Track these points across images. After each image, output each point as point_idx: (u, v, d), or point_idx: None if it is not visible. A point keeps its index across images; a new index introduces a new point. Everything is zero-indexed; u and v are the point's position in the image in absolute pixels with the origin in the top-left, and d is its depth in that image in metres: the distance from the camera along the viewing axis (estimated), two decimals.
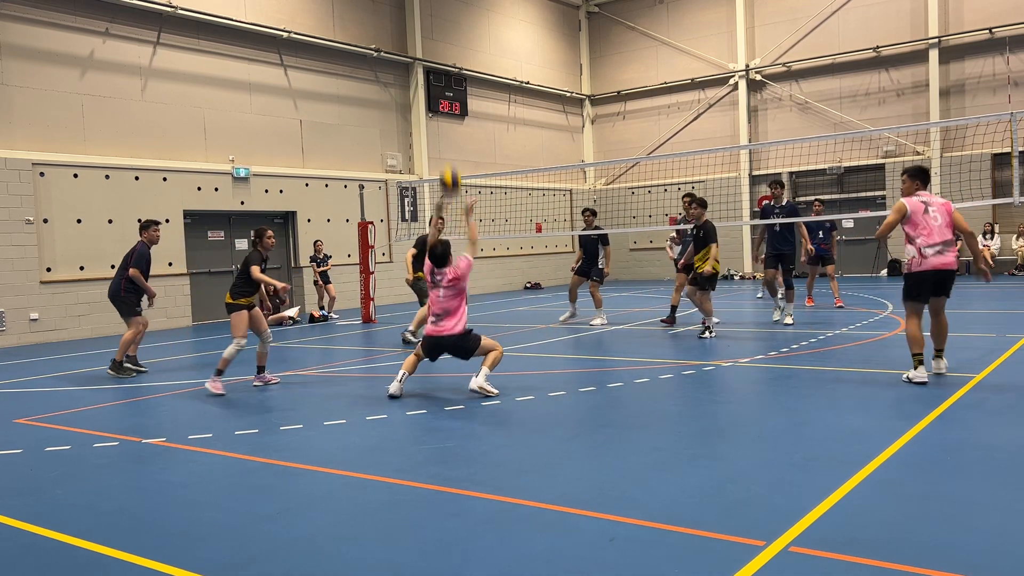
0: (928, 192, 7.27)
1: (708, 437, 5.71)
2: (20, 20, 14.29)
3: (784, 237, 12.00)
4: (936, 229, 6.99)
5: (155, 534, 4.17)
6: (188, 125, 16.64)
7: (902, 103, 22.30)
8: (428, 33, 21.70)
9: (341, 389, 8.33)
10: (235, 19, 17.23)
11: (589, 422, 6.39)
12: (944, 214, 7.06)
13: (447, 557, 3.68)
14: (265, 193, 17.88)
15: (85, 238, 14.89)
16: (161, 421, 7.05)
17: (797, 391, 7.29)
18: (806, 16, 23.28)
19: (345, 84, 19.80)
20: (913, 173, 7.31)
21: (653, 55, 26.14)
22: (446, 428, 6.30)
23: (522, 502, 4.39)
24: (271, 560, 3.76)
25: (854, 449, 5.11)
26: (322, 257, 16.99)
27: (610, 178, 27.40)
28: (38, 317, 14.19)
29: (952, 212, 7.14)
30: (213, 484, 5.06)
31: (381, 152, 20.76)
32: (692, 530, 3.87)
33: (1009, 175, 13.46)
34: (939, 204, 7.12)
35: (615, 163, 26.10)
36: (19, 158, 14.06)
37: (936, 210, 7.05)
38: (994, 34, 20.76)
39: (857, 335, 10.52)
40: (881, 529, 3.77)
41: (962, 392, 6.67)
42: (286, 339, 13.35)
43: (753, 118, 24.58)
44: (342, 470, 5.20)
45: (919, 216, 7.03)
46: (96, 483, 5.19)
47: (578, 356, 10.08)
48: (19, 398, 8.61)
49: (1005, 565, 3.36)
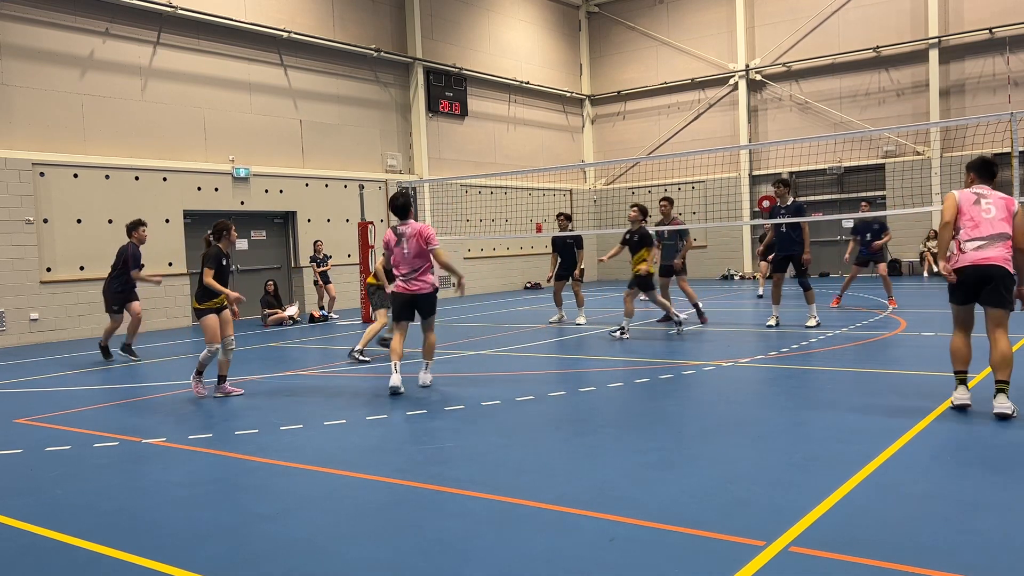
0: (989, 187, 6.17)
1: (708, 437, 5.71)
2: (20, 20, 14.30)
3: (791, 238, 11.47)
4: (985, 221, 5.89)
5: (155, 534, 4.17)
6: (188, 125, 16.64)
7: (902, 103, 22.30)
8: (428, 33, 21.70)
9: (341, 389, 8.33)
10: (235, 19, 17.23)
11: (589, 422, 6.38)
12: (1001, 207, 5.95)
13: (447, 557, 3.68)
14: (265, 193, 17.88)
15: (85, 238, 14.89)
16: (161, 421, 7.05)
17: (797, 391, 7.29)
18: (806, 16, 23.29)
19: (345, 84, 19.80)
20: (971, 165, 6.31)
21: (653, 55, 26.14)
22: (446, 428, 6.30)
23: (522, 502, 4.39)
24: (271, 560, 3.76)
25: (854, 449, 5.11)
26: (322, 257, 16.99)
27: (610, 178, 27.40)
28: (38, 317, 14.19)
29: (1015, 211, 5.96)
30: (213, 484, 5.06)
31: (381, 152, 20.77)
32: (692, 530, 3.87)
33: (1009, 175, 13.44)
34: (996, 196, 6.03)
35: (615, 163, 26.10)
36: (19, 158, 14.06)
37: (991, 202, 5.98)
38: (994, 34, 20.76)
39: (857, 335, 10.51)
40: (881, 529, 3.77)
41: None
42: (286, 339, 13.35)
43: (753, 118, 24.58)
44: (342, 470, 5.20)
45: (967, 206, 5.99)
46: (96, 483, 5.18)
47: (578, 356, 10.08)
48: (19, 398, 8.61)
49: (1005, 565, 3.35)
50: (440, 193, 21.38)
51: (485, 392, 7.68)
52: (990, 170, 6.21)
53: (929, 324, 11.21)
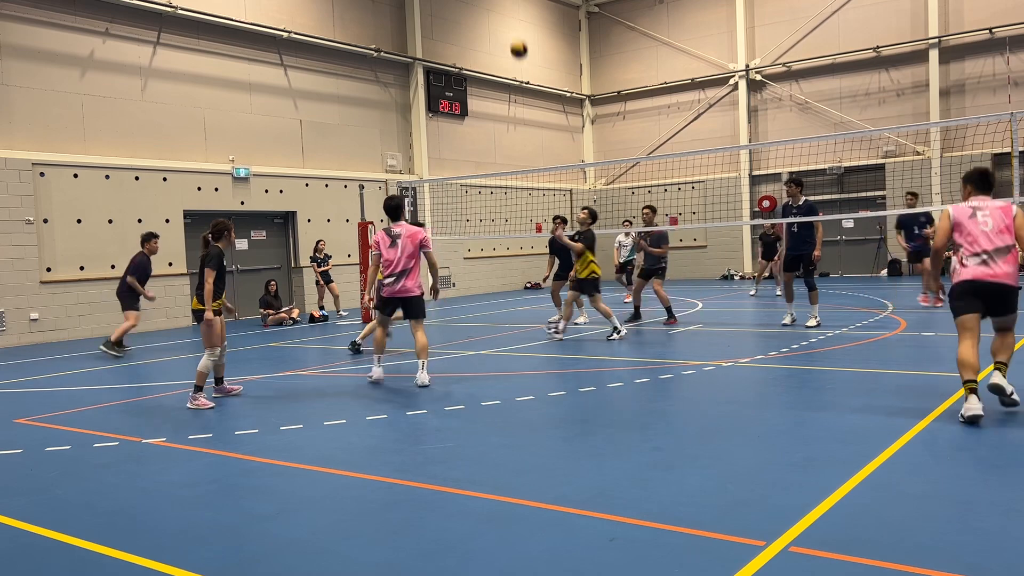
0: (987, 197, 6.11)
1: (708, 437, 5.71)
2: (20, 20, 14.29)
3: (803, 238, 11.47)
4: (982, 236, 5.84)
5: (155, 534, 4.17)
6: (188, 125, 16.64)
7: (902, 103, 22.30)
8: (428, 33, 21.70)
9: (341, 389, 8.33)
10: (235, 19, 17.23)
11: (589, 422, 6.38)
12: (998, 218, 5.87)
13: (447, 557, 3.68)
14: (265, 193, 17.88)
15: (85, 238, 14.89)
16: (161, 421, 7.05)
17: (797, 391, 7.29)
18: (806, 16, 23.28)
19: (345, 84, 19.80)
20: (967, 177, 6.26)
21: (653, 55, 26.14)
22: (446, 428, 6.30)
23: (522, 502, 4.39)
24: (271, 560, 3.76)
25: (854, 449, 5.11)
26: (322, 257, 16.99)
27: (610, 178, 27.40)
28: (38, 317, 14.19)
29: (1015, 216, 5.90)
30: (213, 484, 5.06)
31: (381, 152, 20.76)
32: (692, 530, 3.87)
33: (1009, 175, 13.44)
34: (993, 208, 5.94)
35: (615, 163, 26.10)
36: (19, 158, 14.06)
37: (987, 214, 5.90)
38: (994, 34, 20.76)
39: (857, 335, 10.51)
40: (881, 529, 3.77)
41: (962, 392, 6.65)
42: (286, 339, 13.35)
43: (753, 118, 24.58)
44: (342, 470, 5.20)
45: (965, 222, 5.95)
46: (96, 483, 5.18)
47: (578, 356, 10.08)
48: (19, 398, 8.61)
49: (1005, 565, 3.35)
50: (440, 193, 21.38)
51: (485, 392, 7.68)
52: (987, 181, 6.18)
53: (929, 324, 11.21)
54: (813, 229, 11.43)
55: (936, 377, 7.36)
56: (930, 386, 6.99)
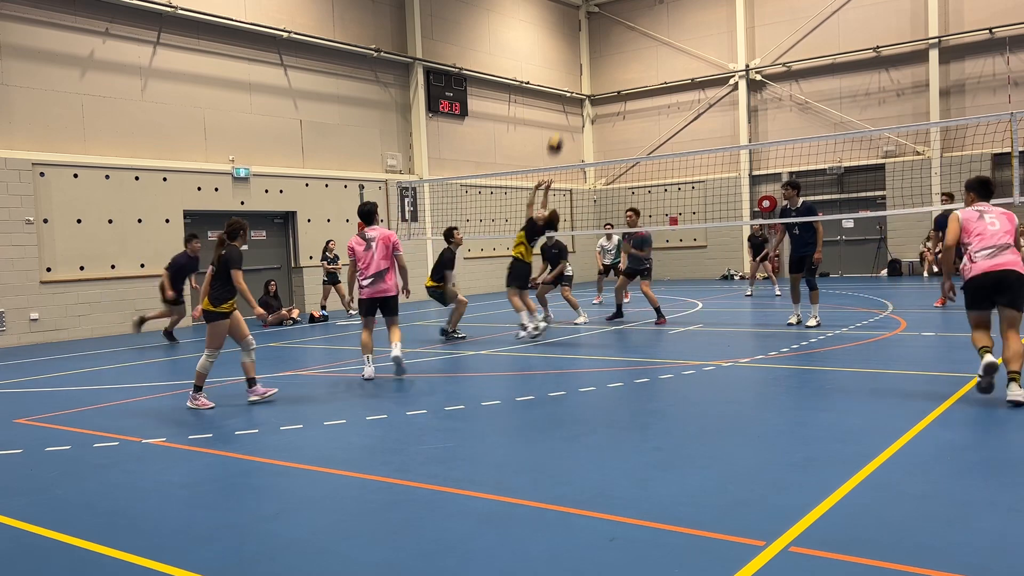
0: (988, 204, 6.67)
1: (708, 437, 5.71)
2: (20, 20, 14.30)
3: (804, 240, 11.51)
4: (991, 233, 6.38)
5: (155, 534, 4.17)
6: (188, 125, 16.64)
7: (902, 103, 22.30)
8: (428, 33, 21.70)
9: (341, 389, 8.33)
10: (235, 19, 17.23)
11: (589, 422, 6.38)
12: (1005, 222, 6.46)
13: (447, 557, 3.68)
14: (265, 193, 17.88)
15: (85, 238, 14.89)
16: (161, 421, 7.05)
17: (797, 391, 7.29)
18: (806, 16, 23.29)
19: (345, 84, 19.81)
20: (969, 185, 6.77)
21: (653, 55, 26.14)
22: (446, 428, 6.30)
23: (522, 502, 4.39)
24: (271, 560, 3.76)
25: (854, 449, 5.11)
26: (332, 257, 16.99)
27: (610, 178, 27.40)
28: (38, 317, 14.19)
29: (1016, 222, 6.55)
30: (213, 484, 5.06)
31: (381, 152, 20.76)
32: (692, 530, 3.87)
33: (1009, 175, 13.44)
34: (999, 212, 6.54)
35: (615, 163, 26.11)
36: (19, 158, 14.06)
37: (994, 216, 6.49)
38: (994, 34, 20.76)
39: (857, 335, 10.51)
40: (881, 529, 3.77)
41: (962, 392, 6.67)
42: (287, 339, 13.35)
43: (753, 118, 24.58)
44: (342, 470, 5.20)
45: (973, 222, 6.48)
46: (96, 483, 5.18)
47: (577, 356, 10.08)
48: (19, 398, 8.61)
49: (1005, 565, 3.35)
50: (440, 193, 21.37)
51: (485, 392, 7.68)
52: (988, 188, 6.74)
53: (929, 324, 11.21)
54: (814, 230, 11.45)
55: (936, 377, 7.36)
56: (930, 386, 6.99)
